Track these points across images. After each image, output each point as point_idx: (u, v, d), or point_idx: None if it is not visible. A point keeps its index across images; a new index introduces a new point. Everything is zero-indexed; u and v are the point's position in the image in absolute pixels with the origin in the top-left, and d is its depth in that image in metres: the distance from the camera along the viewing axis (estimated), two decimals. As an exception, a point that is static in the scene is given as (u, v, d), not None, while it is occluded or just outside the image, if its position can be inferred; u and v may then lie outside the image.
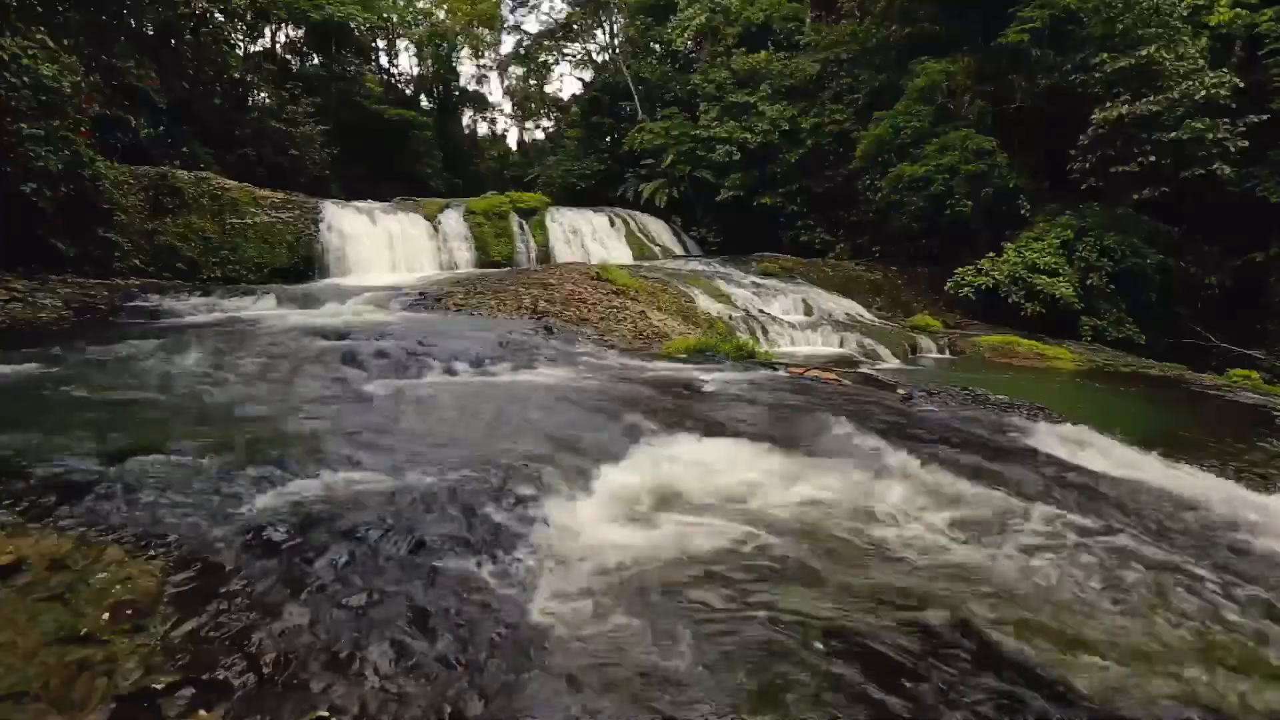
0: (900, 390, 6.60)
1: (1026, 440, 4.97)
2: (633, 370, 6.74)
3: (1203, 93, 12.58)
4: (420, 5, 33.93)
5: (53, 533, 2.59)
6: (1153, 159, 12.98)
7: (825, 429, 4.68)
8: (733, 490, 3.54)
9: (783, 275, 15.66)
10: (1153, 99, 12.87)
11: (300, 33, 26.46)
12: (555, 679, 2.08)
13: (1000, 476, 4.00)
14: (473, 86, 38.87)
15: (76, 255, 9.69)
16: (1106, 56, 13.52)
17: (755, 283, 14.51)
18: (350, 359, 6.20)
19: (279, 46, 26.09)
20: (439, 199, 18.73)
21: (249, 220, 12.74)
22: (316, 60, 26.88)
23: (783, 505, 3.41)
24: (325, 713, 1.87)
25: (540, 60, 36.38)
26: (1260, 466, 5.31)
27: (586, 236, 18.09)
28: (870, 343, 11.43)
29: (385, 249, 14.38)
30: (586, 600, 2.50)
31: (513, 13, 35.41)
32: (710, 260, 17.56)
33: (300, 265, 13.03)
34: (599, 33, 31.86)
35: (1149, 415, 7.78)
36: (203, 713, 1.84)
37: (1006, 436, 5.05)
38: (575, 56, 34.55)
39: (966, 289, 14.11)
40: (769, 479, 3.72)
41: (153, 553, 2.53)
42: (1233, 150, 12.56)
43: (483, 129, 41.50)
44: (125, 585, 2.33)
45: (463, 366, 6.23)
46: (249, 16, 20.41)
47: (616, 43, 30.38)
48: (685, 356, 7.78)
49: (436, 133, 31.42)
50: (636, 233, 19.69)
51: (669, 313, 10.94)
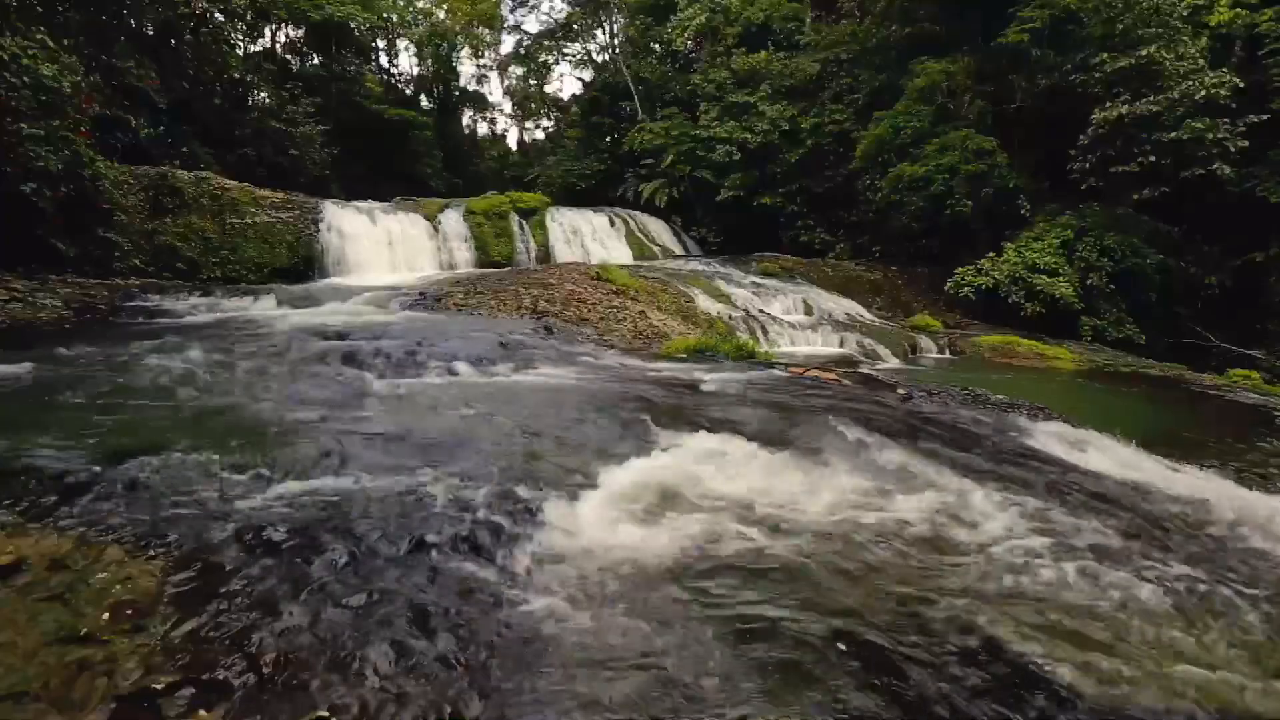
0: (900, 390, 6.60)
1: (1027, 440, 4.97)
2: (633, 370, 6.74)
3: (1203, 93, 12.58)
4: (420, 5, 33.94)
5: (53, 533, 2.59)
6: (1153, 159, 12.98)
7: (825, 429, 4.69)
8: (733, 490, 3.54)
9: (783, 275, 15.65)
10: (1153, 99, 12.87)
11: (300, 33, 26.47)
12: (555, 679, 2.08)
13: (1001, 476, 4.00)
14: (473, 86, 38.91)
15: (76, 255, 9.70)
16: (1106, 56, 13.52)
17: (755, 283, 14.50)
18: (350, 359, 6.20)
19: (279, 46, 26.10)
20: (439, 199, 18.73)
21: (249, 220, 12.74)
22: (316, 60, 26.89)
23: (783, 505, 3.41)
24: (325, 713, 1.87)
25: (540, 60, 36.37)
26: (1260, 466, 5.31)
27: (586, 236, 18.09)
28: (870, 343, 11.43)
29: (385, 249, 14.39)
30: (587, 600, 2.50)
31: (513, 13, 35.47)
32: (710, 260, 17.56)
33: (300, 265, 13.04)
34: (599, 33, 31.89)
35: (1149, 415, 7.78)
36: (203, 713, 1.84)
37: (1007, 436, 5.05)
38: (575, 56, 34.58)
39: (966, 289, 14.11)
40: (769, 479, 3.72)
41: (153, 553, 2.53)
42: (1233, 150, 12.56)
43: (483, 129, 41.55)
44: (125, 585, 2.33)
45: (463, 366, 6.24)
46: (249, 16, 20.41)
47: (616, 43, 30.38)
48: (685, 356, 7.78)
49: (436, 133, 31.42)
50: (636, 233, 19.69)
51: (669, 313, 10.94)
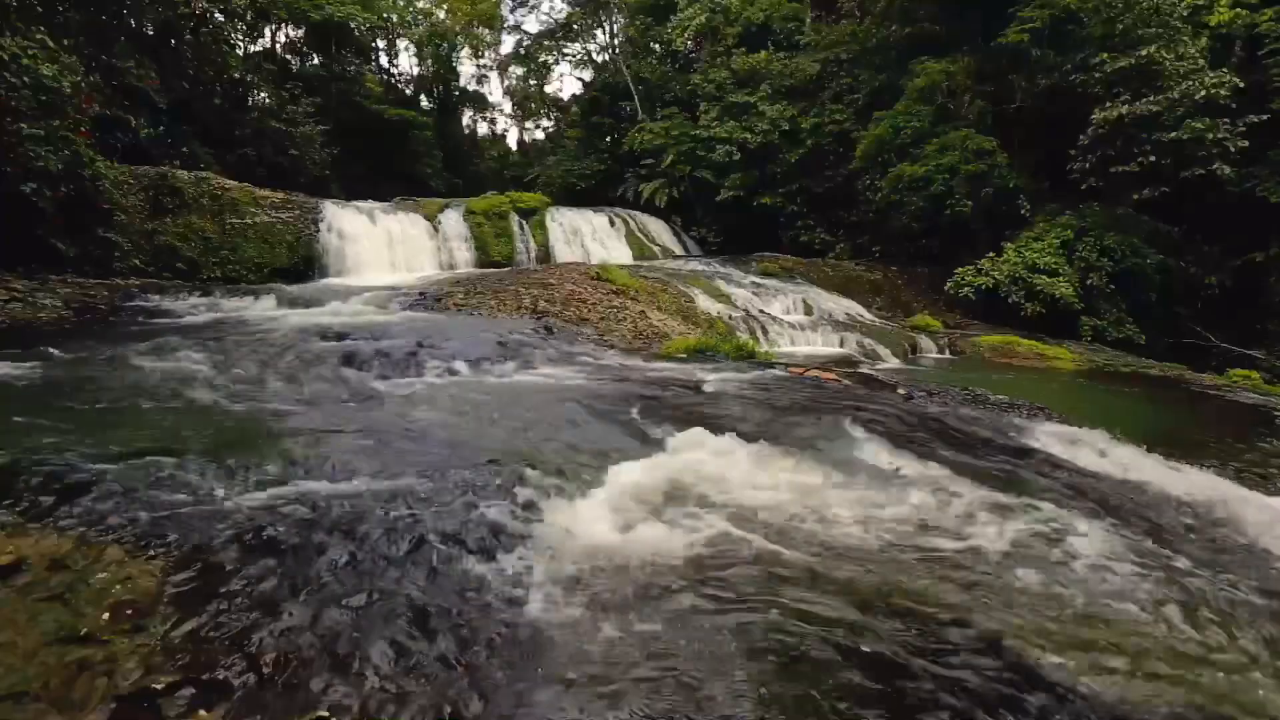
0: (900, 390, 6.60)
1: (1026, 440, 4.97)
2: (633, 370, 6.74)
3: (1203, 93, 12.57)
4: (420, 5, 33.91)
5: (53, 533, 2.59)
6: (1153, 159, 12.97)
7: (825, 429, 4.69)
8: (734, 491, 3.54)
9: (783, 275, 15.65)
10: (1153, 99, 12.86)
11: (300, 33, 26.46)
12: (555, 679, 2.08)
13: (1001, 476, 4.00)
14: (473, 86, 38.89)
15: (76, 255, 9.69)
16: (1106, 56, 13.51)
17: (755, 283, 14.50)
18: (350, 359, 6.21)
19: (279, 46, 26.08)
20: (439, 199, 18.72)
21: (249, 220, 12.73)
22: (316, 60, 26.88)
23: (784, 505, 3.41)
24: (325, 713, 1.87)
25: (540, 60, 36.34)
26: (1260, 466, 5.31)
27: (586, 236, 18.08)
28: (870, 343, 11.42)
29: (385, 249, 14.37)
30: (587, 600, 2.50)
31: (513, 13, 35.44)
32: (710, 260, 17.55)
33: (300, 265, 13.02)
34: (599, 33, 31.85)
35: (1149, 415, 7.77)
36: (203, 713, 1.84)
37: (1007, 436, 5.05)
38: (575, 56, 34.53)
39: (966, 289, 14.10)
40: (769, 479, 3.72)
41: (153, 553, 2.53)
42: (1233, 150, 12.55)
43: (483, 129, 41.53)
44: (125, 585, 2.33)
45: (463, 366, 6.24)
46: (249, 16, 20.38)
47: (616, 43, 30.36)
48: (685, 356, 7.78)
49: (436, 133, 31.41)
50: (636, 233, 19.68)
51: (669, 313, 10.94)
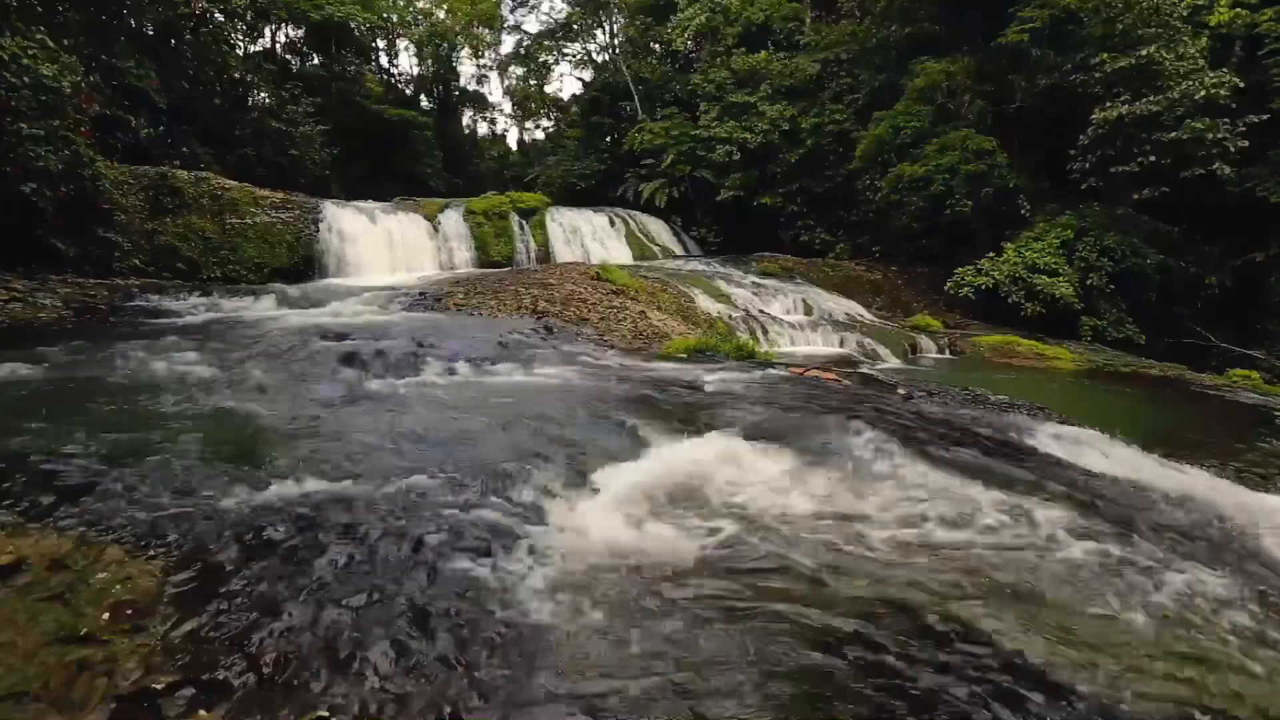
0: (900, 390, 6.59)
1: (1026, 440, 4.96)
2: (632, 370, 6.74)
3: (1203, 93, 12.59)
4: (420, 5, 33.95)
5: (53, 533, 2.58)
6: (1153, 159, 12.99)
7: (826, 429, 4.69)
8: (733, 490, 3.54)
9: (783, 275, 15.66)
10: (1153, 99, 12.87)
11: (300, 33, 26.49)
12: (555, 680, 2.08)
13: (1001, 477, 4.00)
14: (473, 86, 38.95)
15: (76, 255, 9.69)
16: (1106, 56, 13.52)
17: (755, 283, 14.51)
18: (350, 359, 6.20)
19: (279, 46, 26.11)
20: (439, 199, 18.73)
21: (249, 220, 12.74)
22: (316, 60, 26.91)
23: (784, 505, 3.40)
24: (325, 713, 1.87)
25: (540, 60, 36.36)
26: (1260, 466, 5.32)
27: (586, 236, 18.09)
28: (870, 343, 11.43)
29: (385, 249, 14.39)
30: (587, 601, 2.50)
31: (513, 13, 35.48)
32: (710, 260, 17.56)
33: (300, 265, 13.03)
34: (599, 33, 31.87)
35: (1149, 415, 7.78)
36: (203, 713, 1.84)
37: (1007, 436, 5.04)
38: (575, 56, 34.54)
39: (966, 289, 14.11)
40: (770, 479, 3.72)
41: (153, 553, 2.53)
42: (1233, 150, 12.56)
43: (483, 129, 41.59)
44: (125, 585, 2.33)
45: (463, 366, 6.24)
46: (249, 16, 20.40)
47: (616, 43, 30.37)
48: (685, 356, 7.78)
49: (436, 133, 31.44)
50: (636, 233, 19.68)
51: (669, 313, 10.94)
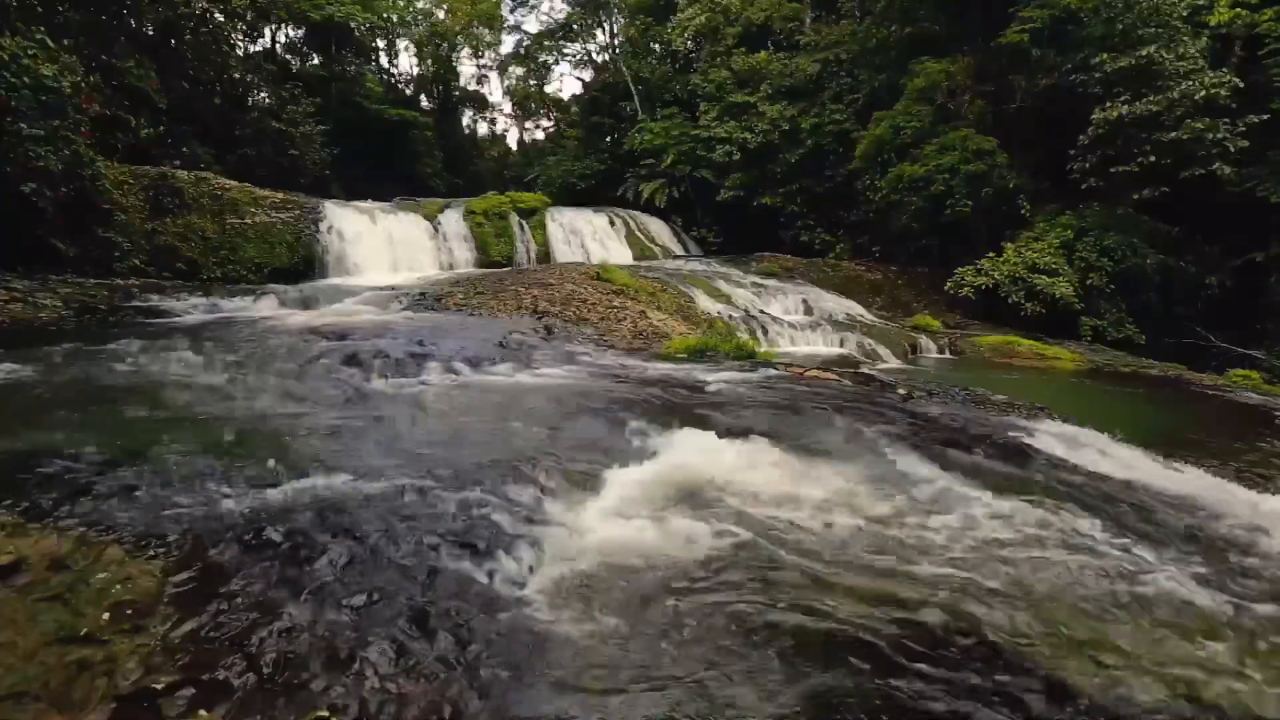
0: (900, 390, 6.59)
1: (1027, 440, 4.97)
2: (633, 370, 6.74)
3: (1203, 93, 12.59)
4: (420, 5, 33.97)
5: (53, 533, 2.58)
6: (1153, 159, 12.99)
7: (826, 429, 4.69)
8: (733, 490, 3.54)
9: (783, 275, 15.66)
10: (1153, 99, 12.87)
11: (300, 33, 26.50)
12: (555, 680, 2.08)
13: (1001, 477, 4.00)
14: (473, 86, 39.00)
15: (76, 255, 9.69)
16: (1106, 56, 13.51)
17: (755, 283, 14.50)
18: (351, 359, 6.20)
19: (279, 46, 26.13)
20: (439, 199, 18.74)
21: (249, 220, 12.73)
22: (316, 60, 26.93)
23: (784, 506, 3.41)
24: (325, 713, 1.87)
25: (540, 60, 36.39)
26: (1260, 466, 5.31)
27: (586, 236, 18.08)
28: (870, 343, 11.42)
29: (385, 249, 14.38)
30: (587, 601, 2.50)
31: (513, 13, 35.52)
32: (710, 260, 17.56)
33: (300, 265, 13.02)
34: (599, 33, 31.88)
35: (1149, 415, 7.77)
36: (203, 713, 1.84)
37: (1007, 436, 5.05)
38: (575, 56, 34.59)
39: (966, 289, 14.11)
40: (770, 479, 3.72)
41: (153, 553, 2.53)
42: (1232, 150, 12.56)
43: (483, 129, 41.67)
44: (125, 585, 2.33)
45: (463, 366, 6.23)
46: (249, 16, 20.40)
47: (616, 43, 30.37)
48: (685, 356, 7.78)
49: (436, 133, 31.48)
50: (636, 233, 19.68)
51: (669, 313, 10.93)
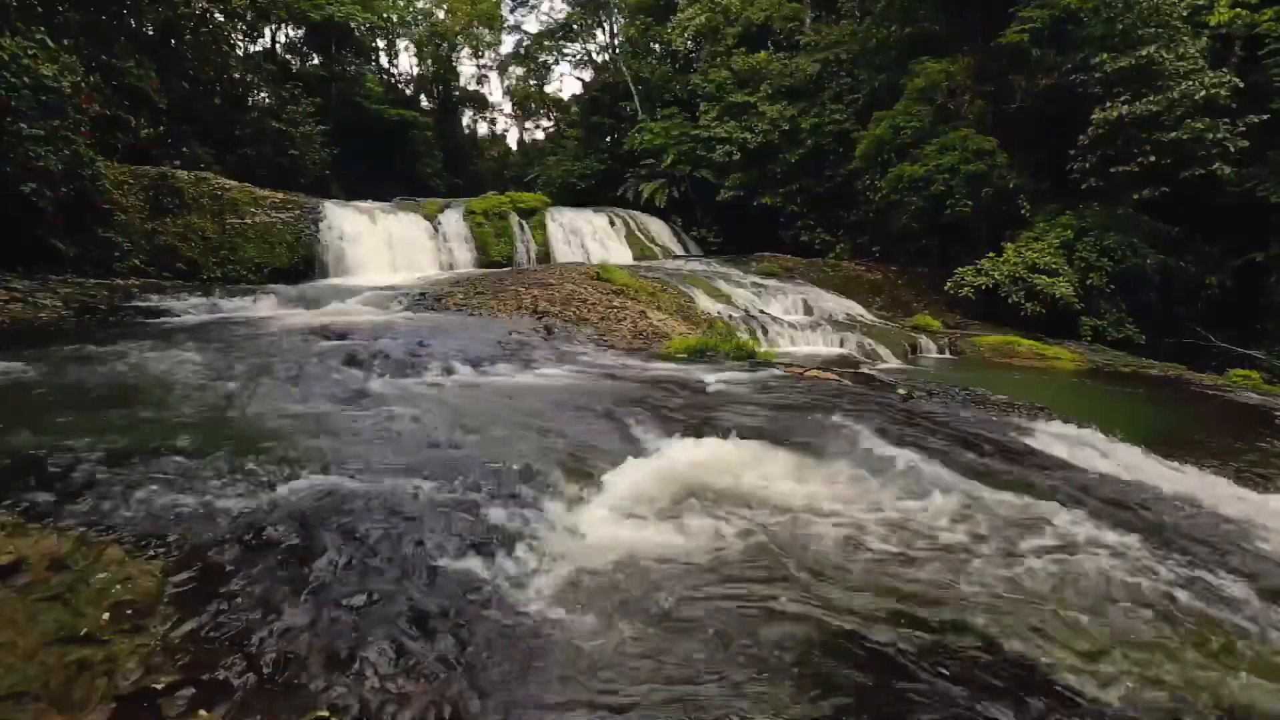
0: (900, 390, 6.59)
1: (1027, 440, 4.97)
2: (632, 370, 6.74)
3: (1203, 93, 12.58)
4: (420, 5, 33.97)
5: (53, 533, 2.58)
6: (1152, 159, 12.99)
7: (826, 429, 4.69)
8: (733, 490, 3.54)
9: (783, 275, 15.66)
10: (1153, 99, 12.87)
11: (300, 33, 26.50)
12: (555, 680, 2.08)
13: (1001, 477, 4.00)
14: (473, 86, 39.00)
15: (76, 255, 9.69)
16: (1106, 56, 13.51)
17: (755, 283, 14.50)
18: (350, 359, 6.20)
19: (279, 46, 26.13)
20: (439, 199, 18.74)
21: (249, 220, 12.73)
22: (316, 60, 26.93)
23: (784, 506, 3.40)
24: (325, 713, 1.87)
25: (540, 60, 36.39)
26: (1260, 466, 5.31)
27: (586, 236, 18.08)
28: (870, 343, 11.42)
29: (385, 249, 14.38)
30: (587, 600, 2.50)
31: (513, 13, 35.52)
32: (710, 260, 17.56)
33: (300, 265, 13.02)
34: (599, 33, 31.88)
35: (1149, 415, 7.77)
36: (203, 713, 1.84)
37: (1007, 436, 5.05)
38: (575, 56, 34.58)
39: (966, 289, 14.11)
40: (770, 479, 3.72)
41: (153, 553, 2.53)
42: (1232, 150, 12.56)
43: (483, 129, 41.69)
44: (125, 585, 2.33)
45: (463, 366, 6.23)
46: (249, 16, 20.39)
47: (616, 43, 30.37)
48: (685, 356, 7.78)
49: (436, 133, 31.48)
50: (636, 233, 19.68)
51: (669, 313, 10.93)
